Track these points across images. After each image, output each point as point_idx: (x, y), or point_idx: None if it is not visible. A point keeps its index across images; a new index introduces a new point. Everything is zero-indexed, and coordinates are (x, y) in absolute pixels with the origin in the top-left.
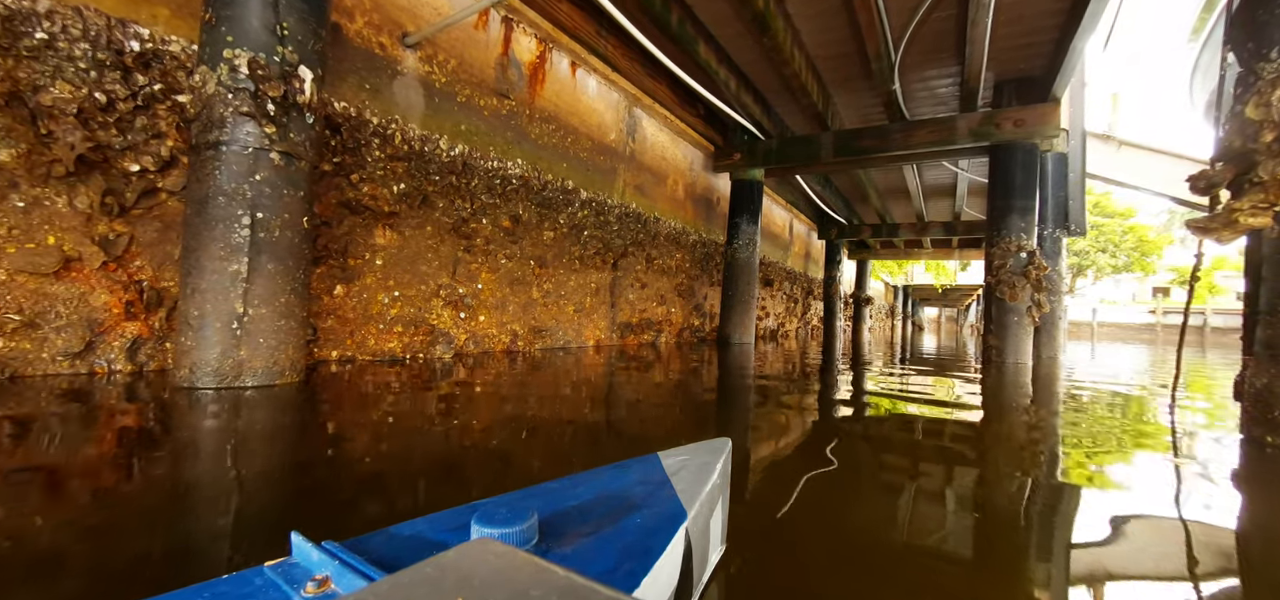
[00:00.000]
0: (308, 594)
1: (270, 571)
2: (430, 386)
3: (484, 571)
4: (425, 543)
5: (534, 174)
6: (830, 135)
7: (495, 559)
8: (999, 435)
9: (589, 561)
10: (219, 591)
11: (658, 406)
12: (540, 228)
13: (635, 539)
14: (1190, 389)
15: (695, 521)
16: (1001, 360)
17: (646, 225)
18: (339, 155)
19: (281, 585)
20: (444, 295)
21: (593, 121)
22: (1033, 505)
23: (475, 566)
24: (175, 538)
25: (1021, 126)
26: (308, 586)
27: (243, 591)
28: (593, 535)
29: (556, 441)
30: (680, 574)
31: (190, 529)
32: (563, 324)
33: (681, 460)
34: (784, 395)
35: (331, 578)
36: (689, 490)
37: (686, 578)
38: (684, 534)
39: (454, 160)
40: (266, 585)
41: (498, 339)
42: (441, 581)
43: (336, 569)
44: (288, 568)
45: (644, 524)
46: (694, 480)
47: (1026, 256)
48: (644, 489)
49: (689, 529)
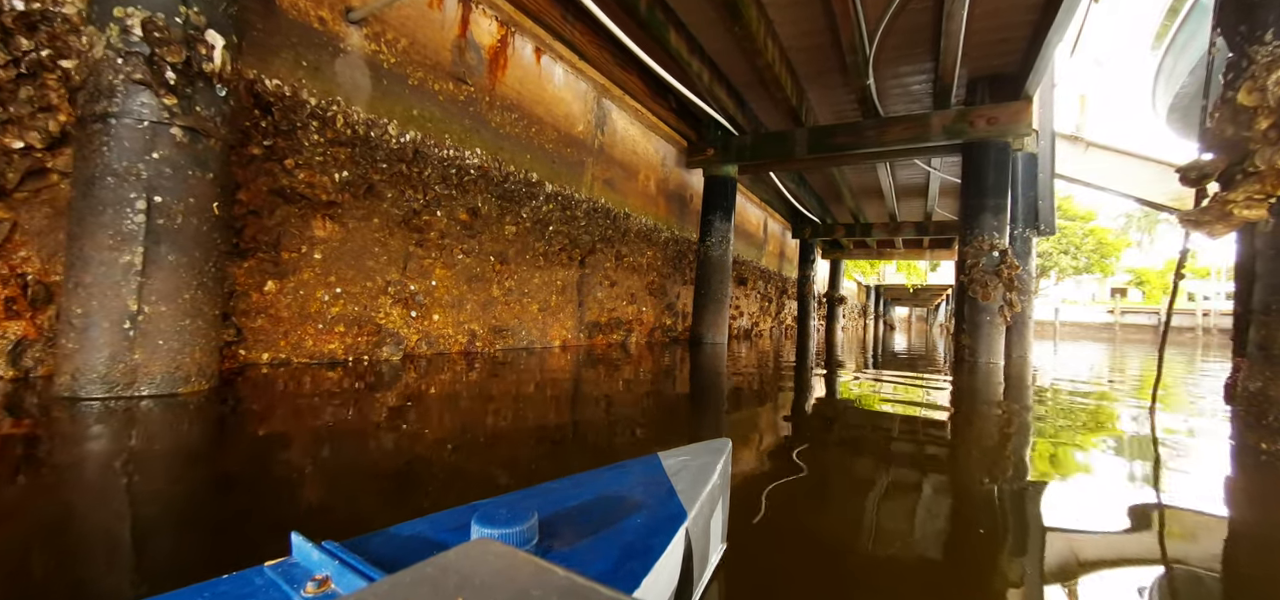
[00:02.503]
0: (308, 594)
1: (270, 571)
2: (374, 392)
3: (484, 572)
4: (425, 543)
5: (494, 165)
6: (804, 131)
7: (495, 559)
8: (984, 443)
9: (589, 562)
10: (219, 591)
11: (625, 411)
12: (501, 222)
13: (635, 539)
14: (1159, 388)
15: (695, 522)
16: (974, 360)
17: (616, 221)
18: (270, 138)
19: (281, 585)
20: (393, 293)
21: (559, 112)
22: (1018, 517)
23: (475, 567)
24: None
25: (994, 124)
26: (308, 586)
27: (243, 591)
28: (593, 535)
29: (510, 455)
30: (680, 574)
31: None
32: (526, 323)
33: (682, 460)
34: (755, 398)
35: (331, 578)
36: (689, 490)
37: (687, 578)
38: (684, 534)
39: (404, 147)
40: (267, 585)
41: (454, 339)
42: (442, 581)
43: (336, 569)
44: (288, 567)
45: (644, 524)
46: (694, 480)
47: (999, 255)
48: (644, 489)
49: (689, 529)
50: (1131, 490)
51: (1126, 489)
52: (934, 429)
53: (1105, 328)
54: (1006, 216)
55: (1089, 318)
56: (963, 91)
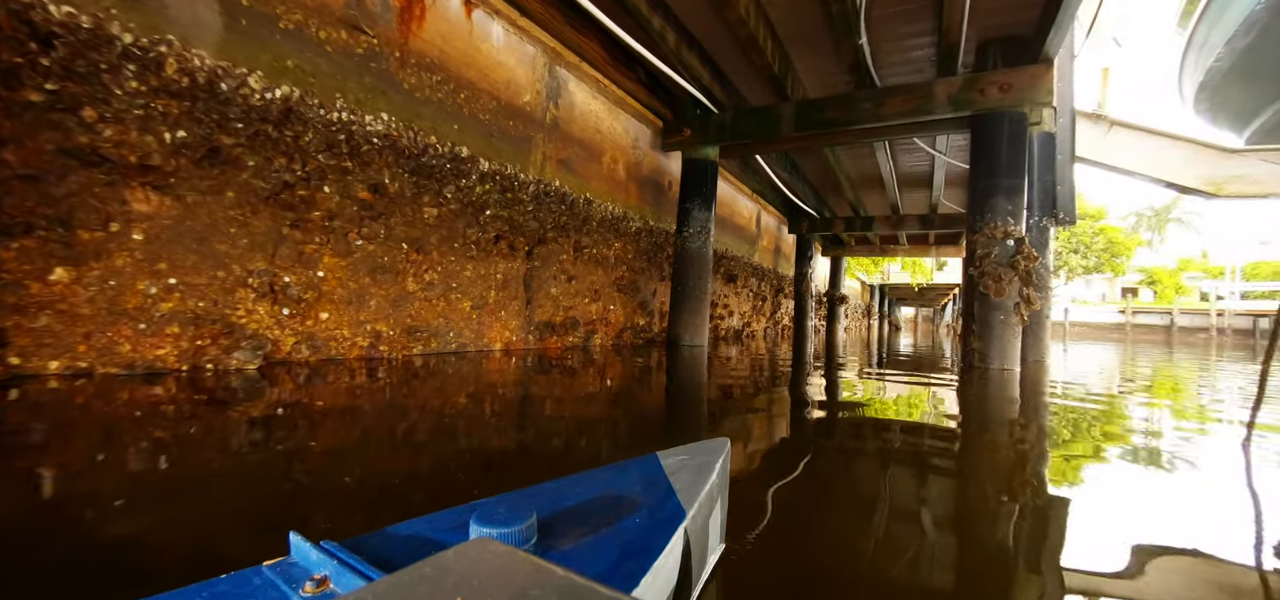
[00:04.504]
0: (306, 594)
1: (269, 571)
2: (197, 416)
3: (483, 571)
4: (424, 542)
5: (407, 134)
6: (790, 106)
7: (494, 559)
8: (1010, 471)
9: (588, 561)
10: (218, 591)
11: (541, 439)
12: (417, 202)
13: (634, 539)
14: (1258, 410)
15: (694, 521)
16: (985, 366)
17: (574, 208)
18: (55, 80)
19: (280, 585)
20: (258, 284)
21: (498, 77)
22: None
23: (474, 566)
24: None
25: (1008, 92)
26: (306, 586)
27: (242, 591)
28: (592, 535)
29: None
30: (679, 573)
31: None
32: (455, 323)
33: (680, 460)
34: (720, 414)
35: (330, 577)
36: (688, 490)
37: (685, 577)
38: (683, 534)
39: (271, 105)
40: (265, 585)
41: (351, 342)
42: (440, 581)
43: (335, 568)
44: (286, 567)
45: (643, 524)
46: (693, 480)
47: (1014, 244)
48: (643, 489)
49: (688, 529)
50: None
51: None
52: (937, 460)
53: (1116, 328)
54: (1023, 200)
55: (1099, 318)
56: (971, 57)
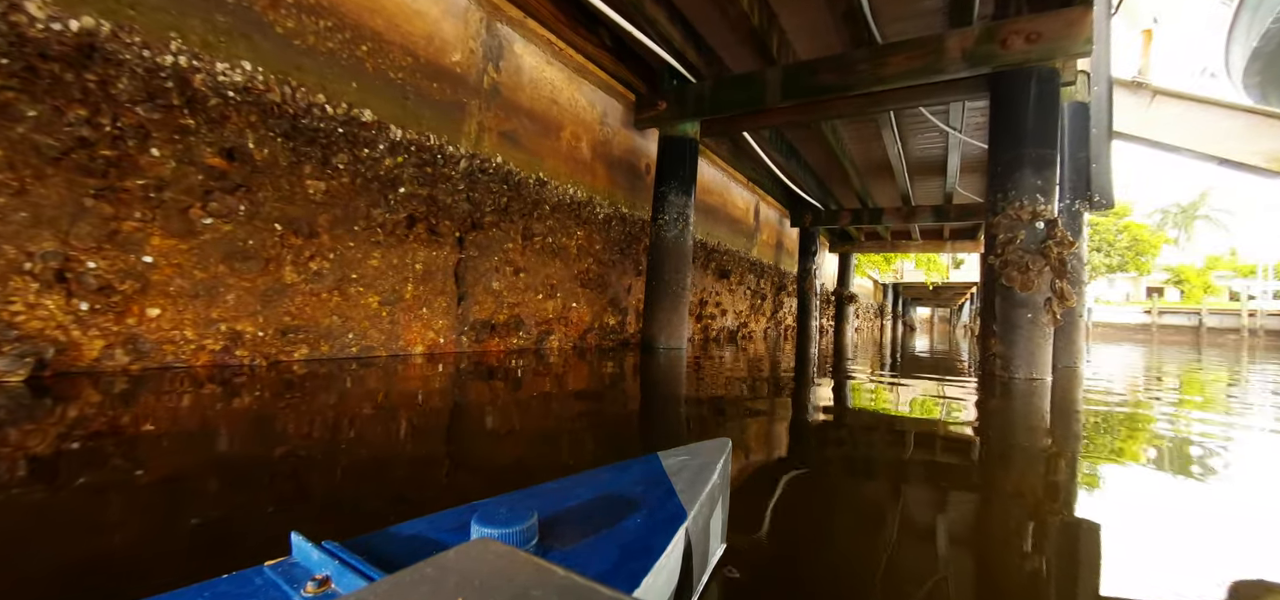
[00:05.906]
0: (308, 594)
1: (270, 571)
2: None
3: (484, 571)
4: (425, 542)
5: (282, 89)
6: (777, 71)
7: (495, 559)
8: None
9: (589, 561)
10: (219, 591)
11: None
12: (297, 173)
13: (635, 539)
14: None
15: (695, 521)
16: (1009, 375)
17: (521, 189)
18: None
19: (281, 584)
20: (39, 270)
21: (414, 29)
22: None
23: (475, 566)
24: None
25: (1036, 41)
26: (308, 586)
27: (243, 591)
28: (593, 535)
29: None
30: (680, 574)
31: None
32: (357, 322)
33: (681, 460)
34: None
35: (331, 577)
36: (689, 490)
37: (686, 577)
38: (684, 534)
39: (61, 38)
40: (267, 585)
41: (196, 346)
42: (442, 581)
43: (336, 569)
44: (288, 567)
45: (644, 524)
46: (694, 480)
47: (1044, 227)
48: (644, 489)
49: (689, 529)
50: None
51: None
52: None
53: (1141, 329)
54: (1054, 175)
55: (1124, 318)
56: (990, 5)
